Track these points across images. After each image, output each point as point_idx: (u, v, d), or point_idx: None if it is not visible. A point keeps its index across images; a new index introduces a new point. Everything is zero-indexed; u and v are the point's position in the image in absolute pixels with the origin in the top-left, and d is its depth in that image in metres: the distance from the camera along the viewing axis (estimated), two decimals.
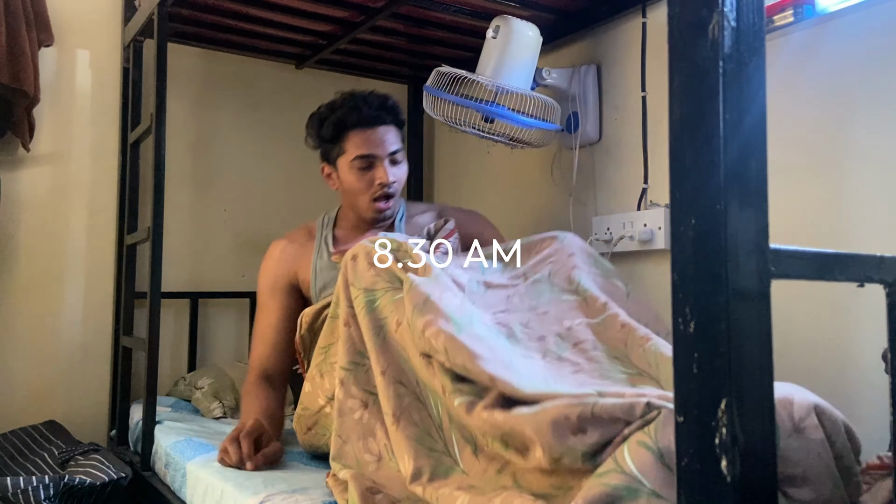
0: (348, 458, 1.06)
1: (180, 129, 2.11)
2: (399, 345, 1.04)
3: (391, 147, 1.57)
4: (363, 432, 1.06)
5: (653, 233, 1.65)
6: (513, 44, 1.63)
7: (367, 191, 1.56)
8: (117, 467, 1.51)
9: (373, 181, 1.55)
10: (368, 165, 1.55)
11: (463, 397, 0.88)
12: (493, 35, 1.65)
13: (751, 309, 0.38)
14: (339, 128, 1.56)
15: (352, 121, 1.55)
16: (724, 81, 0.38)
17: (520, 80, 1.67)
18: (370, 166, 1.56)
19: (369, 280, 1.11)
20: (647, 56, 1.73)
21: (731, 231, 0.38)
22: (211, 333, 2.16)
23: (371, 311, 1.09)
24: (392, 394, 1.01)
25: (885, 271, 0.48)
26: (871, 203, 1.29)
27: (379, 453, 1.04)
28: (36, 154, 1.91)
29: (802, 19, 1.37)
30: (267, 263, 1.64)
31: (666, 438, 0.68)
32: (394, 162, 1.58)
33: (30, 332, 1.90)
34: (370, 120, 1.55)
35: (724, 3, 0.38)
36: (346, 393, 1.10)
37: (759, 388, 0.38)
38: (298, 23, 1.95)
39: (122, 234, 1.94)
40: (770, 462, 0.38)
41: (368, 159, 1.55)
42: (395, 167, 1.58)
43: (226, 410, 1.82)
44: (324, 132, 1.59)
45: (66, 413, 1.91)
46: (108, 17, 2.02)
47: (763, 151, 0.40)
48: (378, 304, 1.09)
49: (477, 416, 0.85)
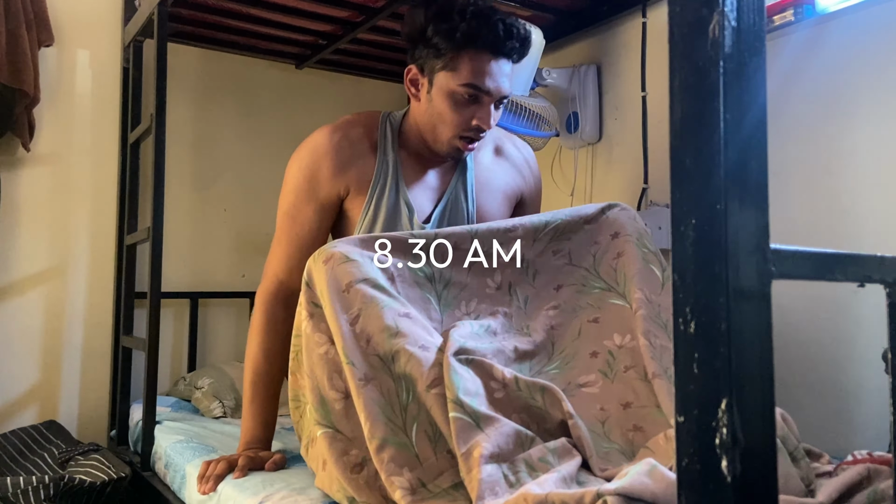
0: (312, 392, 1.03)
1: (180, 129, 2.11)
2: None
3: (507, 88, 1.31)
4: (329, 368, 1.02)
5: (653, 233, 1.65)
6: None
7: (459, 125, 1.30)
8: (117, 467, 1.51)
9: (471, 117, 1.29)
10: (474, 99, 1.29)
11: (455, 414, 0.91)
12: None
13: (751, 309, 0.38)
14: (464, 41, 1.25)
15: (484, 40, 1.25)
16: (724, 81, 0.38)
17: (519, 85, 1.67)
18: (476, 100, 1.29)
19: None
20: (647, 56, 1.73)
21: (731, 231, 0.38)
22: (211, 333, 2.16)
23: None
24: (361, 358, 0.99)
25: (885, 271, 0.48)
26: (871, 203, 1.29)
27: (346, 391, 1.01)
28: (36, 154, 1.91)
29: (802, 19, 1.37)
30: (311, 158, 1.36)
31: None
32: (498, 106, 1.33)
33: (30, 332, 1.90)
34: (502, 50, 1.27)
35: (724, 2, 0.38)
36: (313, 327, 1.06)
37: (759, 388, 0.38)
38: (298, 23, 1.95)
39: (122, 234, 1.94)
40: (770, 462, 0.38)
41: (479, 92, 1.28)
42: (496, 111, 1.33)
43: (226, 410, 1.82)
44: (437, 38, 1.27)
45: (66, 413, 1.91)
46: (108, 17, 2.02)
47: (763, 151, 0.40)
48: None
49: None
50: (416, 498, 0.90)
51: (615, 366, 1.10)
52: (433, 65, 1.30)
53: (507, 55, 1.29)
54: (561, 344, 1.16)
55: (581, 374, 1.11)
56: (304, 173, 1.35)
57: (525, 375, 1.05)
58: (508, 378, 1.01)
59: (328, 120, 1.74)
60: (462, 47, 1.26)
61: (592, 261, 1.21)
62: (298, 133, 2.32)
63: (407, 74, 1.35)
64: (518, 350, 1.13)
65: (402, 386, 0.98)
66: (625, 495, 0.72)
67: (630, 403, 1.05)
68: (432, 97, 1.31)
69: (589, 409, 1.04)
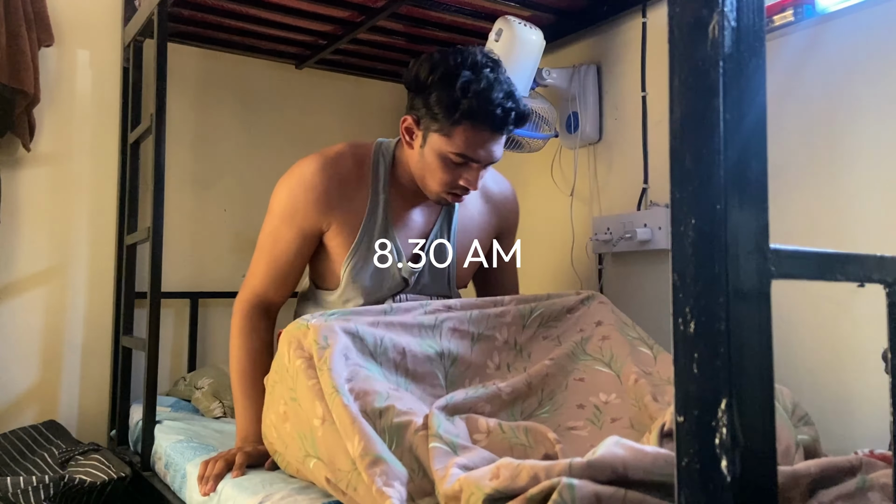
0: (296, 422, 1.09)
1: (180, 129, 2.11)
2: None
3: (497, 157, 1.35)
4: (316, 397, 1.06)
5: (653, 233, 1.65)
6: (515, 49, 1.62)
7: (446, 184, 1.34)
8: (117, 467, 1.51)
9: (458, 178, 1.33)
10: (464, 164, 1.33)
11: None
12: (496, 38, 1.64)
13: (751, 309, 0.38)
14: (462, 117, 1.27)
15: (481, 118, 1.27)
16: (724, 81, 0.38)
17: (519, 85, 1.67)
18: (464, 165, 1.33)
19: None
20: (647, 56, 1.73)
21: (731, 231, 0.38)
22: (211, 333, 2.16)
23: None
24: (352, 400, 1.02)
25: (885, 271, 0.48)
26: (871, 203, 1.29)
27: (323, 416, 1.03)
28: (36, 154, 1.91)
29: (802, 19, 1.37)
30: (299, 188, 1.37)
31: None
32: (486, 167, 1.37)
33: (30, 332, 1.90)
34: (499, 127, 1.29)
35: (724, 3, 0.38)
36: (306, 366, 1.10)
37: (759, 388, 0.38)
38: (298, 23, 1.95)
39: (122, 234, 1.94)
40: (770, 462, 0.38)
41: (470, 161, 1.32)
42: (485, 170, 1.37)
43: (226, 410, 1.82)
44: (438, 105, 1.28)
45: (66, 413, 1.91)
46: (108, 17, 2.02)
47: (763, 151, 0.40)
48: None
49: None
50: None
51: (602, 417, 1.15)
52: (429, 124, 1.32)
53: (503, 132, 1.32)
54: (550, 391, 1.22)
55: (569, 419, 1.16)
56: (290, 201, 1.38)
57: (515, 419, 1.12)
58: (492, 426, 1.05)
59: (328, 120, 1.75)
60: (459, 121, 1.27)
61: (581, 340, 1.29)
62: (298, 133, 2.33)
63: (403, 123, 1.36)
64: (514, 390, 1.19)
65: (388, 437, 0.99)
66: (595, 465, 0.73)
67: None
68: (424, 153, 1.34)
69: (580, 448, 1.05)
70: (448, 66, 1.28)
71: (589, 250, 1.87)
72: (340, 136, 2.36)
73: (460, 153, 1.30)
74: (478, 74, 1.27)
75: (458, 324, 1.27)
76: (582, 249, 1.90)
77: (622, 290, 1.79)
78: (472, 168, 1.33)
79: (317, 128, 2.35)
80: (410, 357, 1.18)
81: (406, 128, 1.36)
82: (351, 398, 1.02)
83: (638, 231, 1.65)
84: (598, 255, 1.85)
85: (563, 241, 1.94)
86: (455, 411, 1.09)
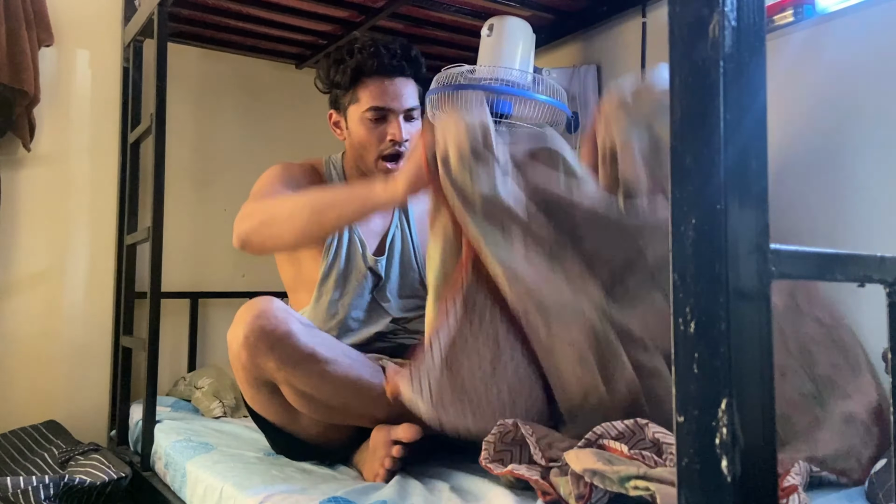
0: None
1: (180, 129, 2.11)
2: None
3: (409, 102, 1.43)
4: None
5: None
6: (507, 40, 1.63)
7: (376, 146, 1.42)
8: (117, 467, 1.51)
9: (384, 136, 1.41)
10: (381, 118, 1.41)
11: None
12: (488, 33, 1.65)
13: (751, 309, 0.38)
14: (356, 74, 1.40)
15: (369, 68, 1.39)
16: (724, 81, 0.38)
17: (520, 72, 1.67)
18: (383, 119, 1.41)
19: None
20: (647, 56, 1.73)
21: (731, 231, 0.38)
22: (211, 333, 2.16)
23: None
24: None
25: (885, 271, 0.48)
26: (872, 203, 1.29)
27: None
28: (36, 154, 1.91)
29: (802, 19, 1.37)
30: (284, 169, 1.45)
31: None
32: (409, 118, 1.43)
33: (30, 332, 1.90)
34: (390, 69, 1.40)
35: (724, 2, 0.38)
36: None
37: (759, 388, 0.38)
38: (298, 23, 1.95)
39: (122, 234, 1.94)
40: (770, 462, 0.38)
41: (382, 112, 1.40)
42: (409, 124, 1.43)
43: (226, 410, 1.82)
44: (337, 77, 1.43)
45: (66, 413, 1.91)
46: (108, 17, 2.02)
47: (763, 151, 0.40)
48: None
49: None
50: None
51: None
52: (343, 102, 1.45)
53: (398, 73, 1.41)
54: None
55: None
56: (279, 174, 1.44)
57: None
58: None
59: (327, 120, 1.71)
60: (357, 79, 1.41)
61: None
62: (298, 133, 2.32)
63: (329, 119, 1.50)
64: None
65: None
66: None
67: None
68: (351, 131, 1.45)
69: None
70: (336, 53, 1.45)
71: None
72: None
73: (371, 107, 1.40)
74: (358, 42, 1.43)
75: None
76: None
77: None
78: (391, 121, 1.41)
79: (317, 128, 2.34)
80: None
81: (334, 122, 1.50)
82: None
83: None
84: None
85: None
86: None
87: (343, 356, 1.19)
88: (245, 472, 1.21)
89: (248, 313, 1.15)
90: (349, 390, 1.18)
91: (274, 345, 1.12)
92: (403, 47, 1.43)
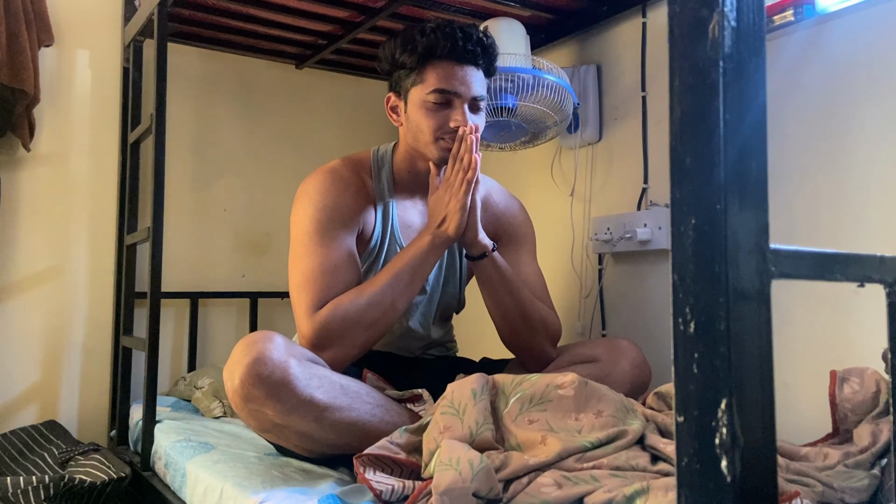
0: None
1: (180, 129, 2.11)
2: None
3: (477, 90, 1.34)
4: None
5: (653, 233, 1.65)
6: (502, 40, 1.63)
7: (435, 129, 1.33)
8: (117, 467, 1.51)
9: (446, 121, 1.32)
10: (446, 102, 1.32)
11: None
12: None
13: (751, 309, 0.38)
14: (426, 53, 1.32)
15: (442, 50, 1.31)
16: (724, 81, 0.38)
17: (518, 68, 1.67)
18: (448, 104, 1.33)
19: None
20: (647, 56, 1.73)
21: (731, 231, 0.38)
22: (211, 333, 2.16)
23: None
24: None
25: (885, 271, 0.48)
26: (871, 203, 1.29)
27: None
28: (36, 154, 1.91)
29: (802, 19, 1.37)
30: (321, 196, 1.35)
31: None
32: (475, 109, 1.35)
33: (30, 332, 1.90)
34: (462, 54, 1.32)
35: (724, 2, 0.38)
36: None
37: (759, 388, 0.38)
38: (298, 23, 1.96)
39: (122, 234, 1.94)
40: (770, 462, 0.38)
41: (448, 95, 1.32)
42: (474, 115, 1.35)
43: (226, 410, 1.82)
44: (403, 56, 1.34)
45: (66, 413, 1.91)
46: (108, 17, 2.02)
47: (763, 151, 0.40)
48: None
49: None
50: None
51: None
52: (405, 85, 1.36)
53: (470, 60, 1.33)
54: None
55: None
56: (316, 210, 1.33)
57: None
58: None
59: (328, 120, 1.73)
60: (426, 60, 1.32)
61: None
62: (298, 133, 2.33)
63: (387, 103, 1.42)
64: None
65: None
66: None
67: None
68: (410, 116, 1.37)
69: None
70: (405, 32, 1.36)
71: (589, 250, 1.87)
72: (340, 135, 2.36)
73: (436, 89, 1.32)
74: (433, 22, 1.35)
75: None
76: (582, 249, 1.90)
77: (622, 290, 1.79)
78: (455, 107, 1.33)
79: (317, 128, 2.35)
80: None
81: (391, 107, 1.42)
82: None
83: (638, 231, 1.65)
84: (599, 255, 1.85)
85: (563, 241, 1.94)
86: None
87: (343, 396, 1.16)
88: (245, 472, 1.21)
89: (244, 356, 1.10)
90: (350, 433, 1.17)
91: (270, 393, 1.09)
92: (479, 33, 1.35)
